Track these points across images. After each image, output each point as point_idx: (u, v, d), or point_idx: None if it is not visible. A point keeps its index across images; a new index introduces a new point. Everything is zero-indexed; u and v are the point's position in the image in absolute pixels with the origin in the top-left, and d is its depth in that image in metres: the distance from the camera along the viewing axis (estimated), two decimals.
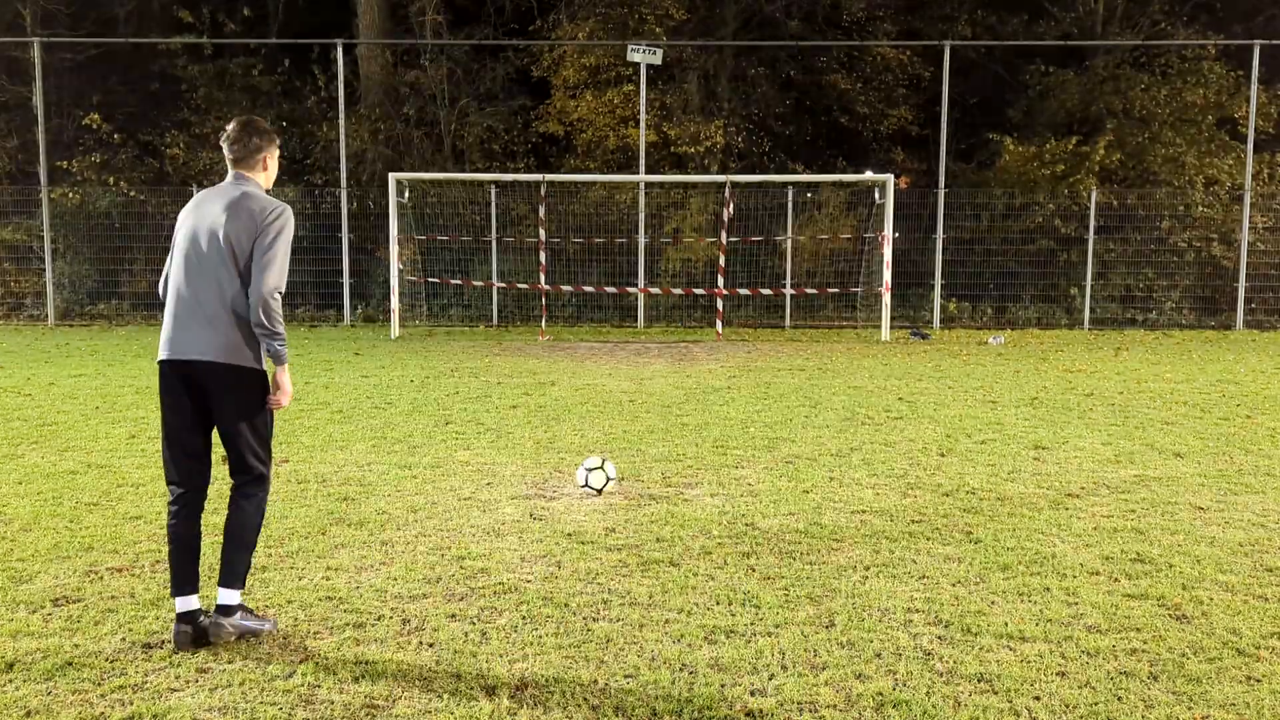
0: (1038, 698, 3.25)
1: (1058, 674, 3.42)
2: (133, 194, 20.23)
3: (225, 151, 3.84)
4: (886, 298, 16.88)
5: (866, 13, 22.65)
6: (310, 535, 4.98)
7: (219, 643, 3.60)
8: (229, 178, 3.84)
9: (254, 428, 3.77)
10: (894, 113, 22.75)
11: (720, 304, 17.57)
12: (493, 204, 19.84)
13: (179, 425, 3.74)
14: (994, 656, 3.56)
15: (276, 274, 3.66)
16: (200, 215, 3.73)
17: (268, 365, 3.78)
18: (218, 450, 3.81)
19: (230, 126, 3.85)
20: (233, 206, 3.69)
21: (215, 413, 3.74)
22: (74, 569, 4.44)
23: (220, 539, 3.83)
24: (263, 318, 3.62)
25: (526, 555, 4.68)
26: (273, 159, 3.90)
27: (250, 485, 3.80)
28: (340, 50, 19.60)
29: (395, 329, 17.03)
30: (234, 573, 3.71)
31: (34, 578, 4.34)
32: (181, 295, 3.70)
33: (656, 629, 3.80)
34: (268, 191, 3.87)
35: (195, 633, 3.60)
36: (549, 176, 17.86)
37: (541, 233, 17.39)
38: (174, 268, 3.75)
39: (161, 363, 3.72)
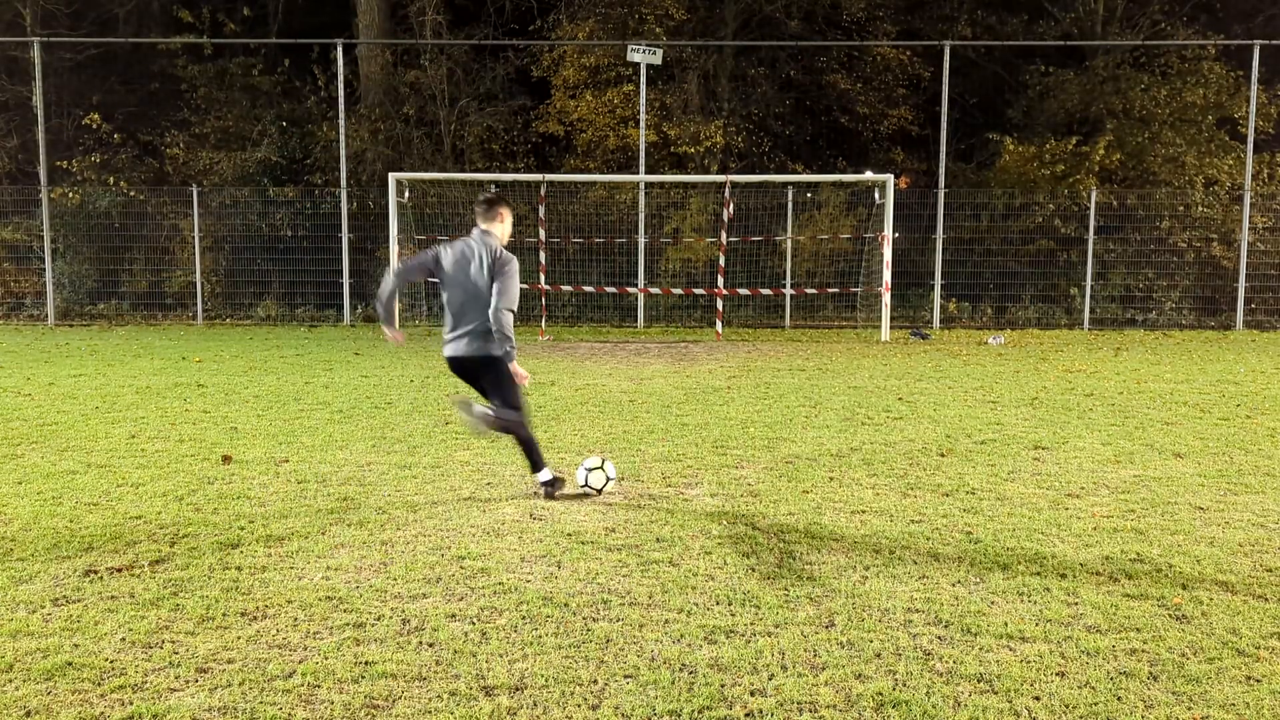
0: (1038, 698, 3.25)
1: (1058, 674, 3.42)
2: (133, 194, 20.23)
3: (479, 212, 5.73)
4: (886, 298, 16.88)
5: (866, 13, 22.65)
6: (310, 535, 4.98)
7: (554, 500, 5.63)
8: (476, 231, 5.71)
9: (507, 378, 5.66)
10: (894, 113, 22.75)
11: (720, 304, 17.57)
12: None
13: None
14: (994, 656, 3.56)
15: (510, 297, 5.52)
16: (465, 248, 5.65)
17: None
18: None
19: (483, 200, 5.76)
20: (486, 245, 5.63)
21: (478, 378, 5.75)
22: (74, 569, 4.44)
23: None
24: (501, 325, 5.50)
25: (526, 555, 4.68)
26: (508, 217, 5.79)
27: (510, 410, 5.64)
28: (340, 50, 19.61)
29: None
30: (533, 463, 5.75)
31: (34, 578, 4.33)
32: (453, 312, 5.64)
33: (656, 629, 3.80)
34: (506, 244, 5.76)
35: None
36: (549, 176, 17.87)
37: (541, 233, 17.39)
38: (448, 290, 5.65)
39: (445, 358, 5.73)
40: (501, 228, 5.72)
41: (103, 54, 23.73)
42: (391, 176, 17.18)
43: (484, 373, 5.66)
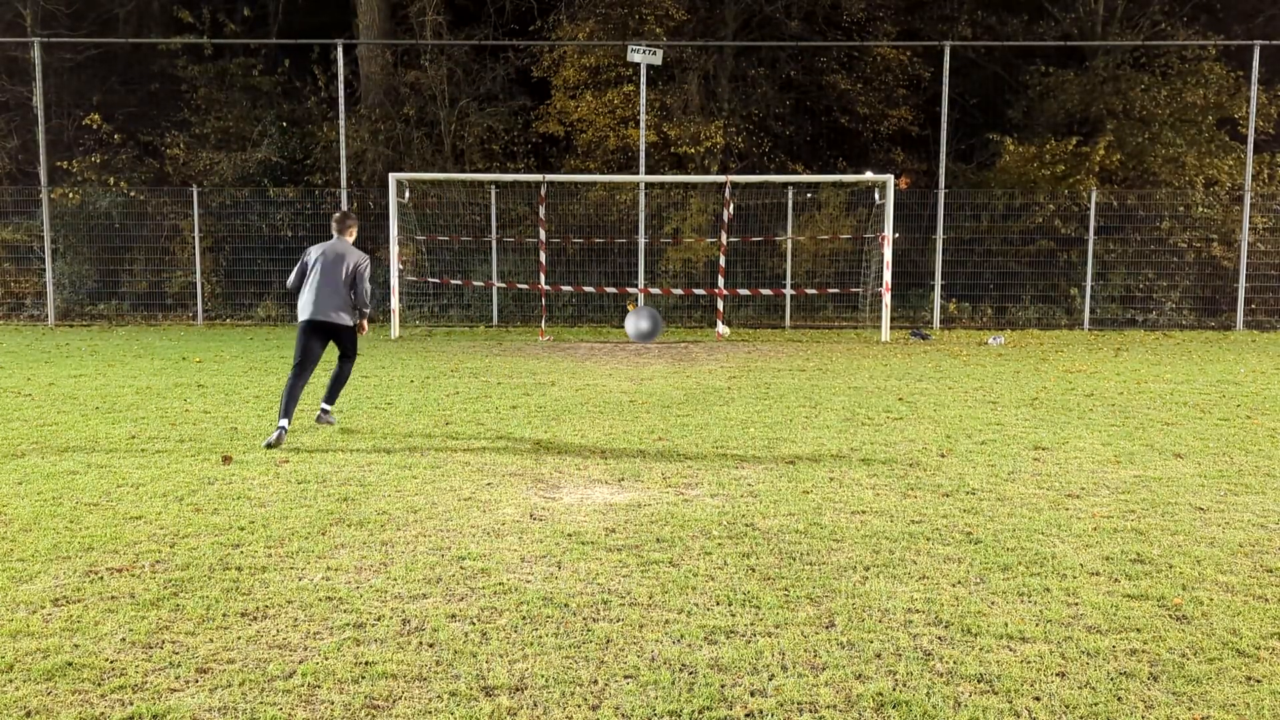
0: (1038, 698, 3.25)
1: (1058, 674, 3.42)
2: (133, 194, 20.23)
3: (334, 225, 7.94)
4: (886, 298, 16.88)
5: (866, 13, 22.65)
6: (310, 535, 4.98)
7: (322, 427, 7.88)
8: (335, 238, 7.88)
9: (353, 344, 8.01)
10: (894, 113, 22.75)
11: (720, 304, 17.57)
12: (493, 204, 19.84)
13: (312, 346, 7.70)
14: (994, 656, 3.56)
15: (369, 284, 7.85)
16: (326, 252, 7.73)
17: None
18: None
19: (338, 215, 7.98)
20: (346, 249, 7.83)
21: (336, 340, 7.86)
22: (74, 569, 4.44)
23: None
24: (366, 301, 7.86)
25: (526, 555, 4.68)
26: (354, 231, 8.00)
27: (348, 361, 8.04)
28: (340, 50, 19.60)
29: (395, 329, 17.03)
30: (332, 395, 7.97)
31: (34, 578, 4.33)
32: (319, 286, 7.65)
33: (656, 629, 3.80)
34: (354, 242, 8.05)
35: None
36: (549, 177, 17.86)
37: (541, 233, 17.39)
38: (312, 274, 7.69)
39: (307, 320, 7.66)
40: (351, 236, 7.98)
41: (103, 54, 23.73)
42: (392, 177, 17.18)
43: (343, 332, 7.88)
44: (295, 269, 7.74)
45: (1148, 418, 8.63)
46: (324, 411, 7.91)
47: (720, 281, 17.46)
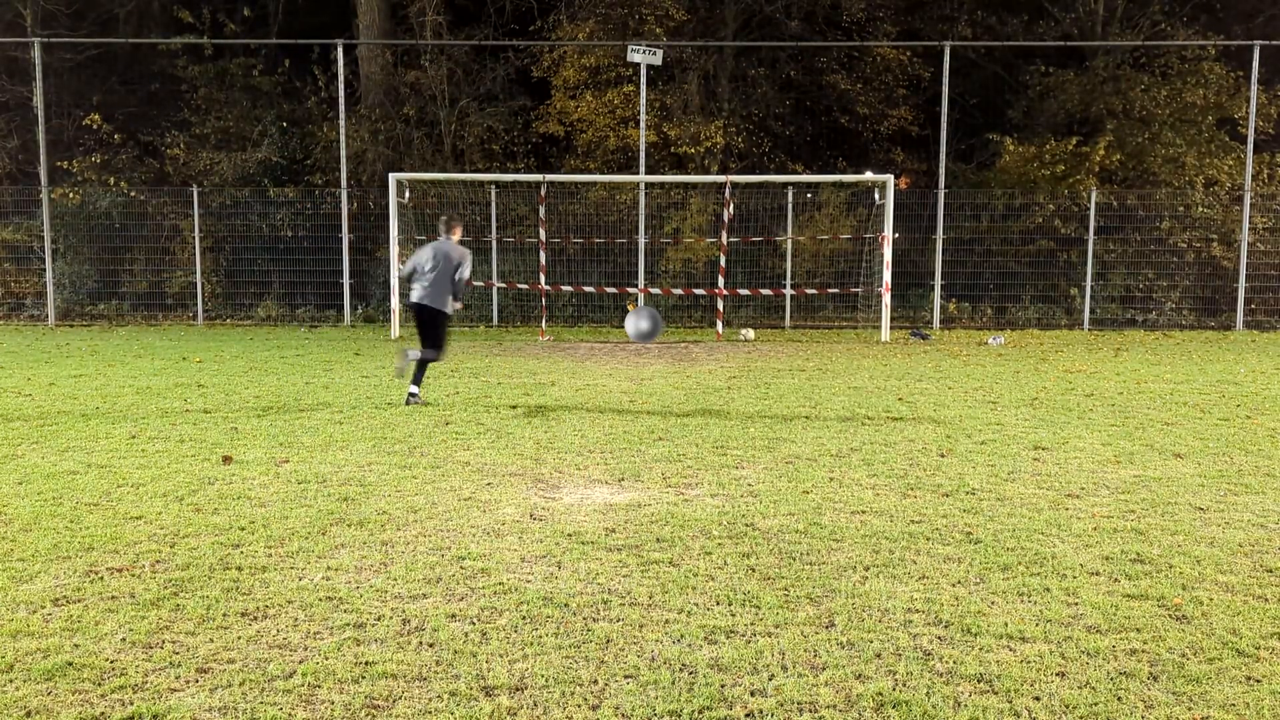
0: (1038, 698, 3.25)
1: (1058, 674, 3.42)
2: (133, 194, 20.24)
3: (441, 226, 9.44)
4: (886, 298, 16.88)
5: (866, 13, 22.65)
6: (310, 535, 4.98)
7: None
8: (442, 236, 9.37)
9: (443, 332, 9.33)
10: (894, 113, 22.75)
11: (720, 304, 17.57)
12: (493, 204, 19.85)
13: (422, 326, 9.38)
14: (994, 656, 3.55)
15: (469, 271, 9.31)
16: (439, 251, 9.20)
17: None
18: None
19: (445, 218, 9.51)
20: (451, 247, 9.27)
21: (431, 324, 9.25)
22: (74, 569, 4.44)
23: None
24: (465, 287, 9.25)
25: (526, 555, 4.68)
26: (459, 231, 9.48)
27: (435, 351, 9.29)
28: (340, 50, 19.61)
29: (395, 329, 17.03)
30: (417, 379, 9.18)
31: (34, 578, 4.33)
32: (433, 280, 9.11)
33: (656, 629, 3.79)
34: (460, 241, 9.50)
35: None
36: (549, 177, 17.86)
37: (541, 233, 17.39)
38: (424, 265, 9.17)
39: (416, 303, 9.21)
40: (457, 235, 9.43)
41: (103, 54, 23.74)
42: (392, 177, 17.18)
43: (437, 315, 9.26)
44: (410, 262, 9.32)
45: (1148, 418, 8.63)
46: (412, 395, 9.15)
47: (720, 281, 17.46)
